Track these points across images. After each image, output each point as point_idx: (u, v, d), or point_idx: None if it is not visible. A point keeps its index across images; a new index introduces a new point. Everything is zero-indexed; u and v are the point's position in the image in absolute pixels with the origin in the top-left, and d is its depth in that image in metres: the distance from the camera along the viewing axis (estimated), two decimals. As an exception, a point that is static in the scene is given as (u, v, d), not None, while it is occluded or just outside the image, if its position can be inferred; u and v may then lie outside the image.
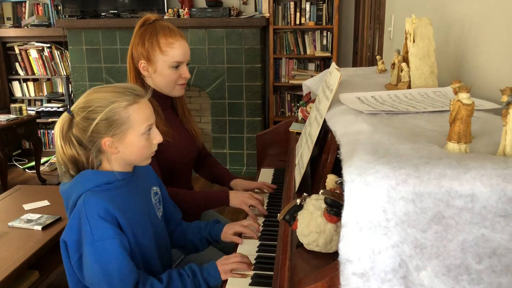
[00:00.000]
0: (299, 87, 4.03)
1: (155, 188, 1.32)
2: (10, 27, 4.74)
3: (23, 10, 4.79)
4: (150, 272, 1.19)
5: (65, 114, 1.15)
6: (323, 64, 4.43)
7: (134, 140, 1.14)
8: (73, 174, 1.16)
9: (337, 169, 0.91)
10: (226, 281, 1.19)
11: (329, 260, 0.78)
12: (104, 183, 1.14)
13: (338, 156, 0.77)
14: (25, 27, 4.70)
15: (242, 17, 4.10)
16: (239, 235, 1.39)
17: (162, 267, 1.27)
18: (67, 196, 1.16)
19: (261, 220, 1.52)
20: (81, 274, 1.12)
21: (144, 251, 1.19)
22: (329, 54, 4.26)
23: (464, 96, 0.69)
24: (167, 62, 1.54)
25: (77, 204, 1.11)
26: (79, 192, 1.12)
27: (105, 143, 1.12)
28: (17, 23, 4.81)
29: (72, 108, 1.15)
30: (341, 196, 0.74)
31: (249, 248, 1.33)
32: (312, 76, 2.36)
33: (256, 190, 1.74)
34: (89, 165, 1.16)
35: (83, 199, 1.10)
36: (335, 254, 0.67)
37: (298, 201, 0.90)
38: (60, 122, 1.14)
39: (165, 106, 1.62)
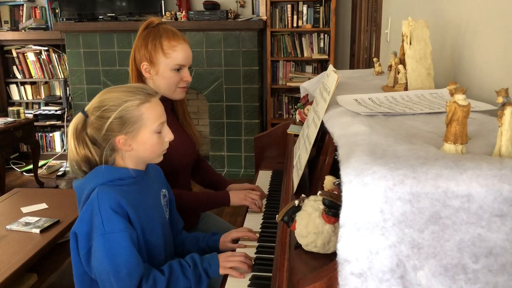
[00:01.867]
0: (297, 89, 4.05)
1: (164, 190, 1.35)
2: (7, 30, 4.74)
3: (21, 13, 4.79)
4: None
5: (79, 114, 1.18)
6: (321, 66, 4.44)
7: (146, 137, 1.17)
8: (86, 170, 1.19)
9: (335, 170, 0.91)
10: (225, 282, 1.19)
11: (327, 261, 0.78)
12: (117, 179, 1.16)
13: (336, 157, 0.77)
14: (23, 30, 4.70)
15: (240, 20, 4.11)
16: (237, 241, 1.41)
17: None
18: (81, 190, 1.18)
19: (259, 221, 1.53)
20: (88, 266, 1.13)
21: (150, 248, 1.21)
22: (326, 57, 4.28)
23: (460, 98, 0.69)
24: (169, 65, 1.55)
25: (90, 197, 1.13)
26: (93, 185, 1.14)
27: (119, 140, 1.15)
28: (14, 26, 4.81)
29: (86, 108, 1.18)
30: (339, 197, 0.75)
31: (247, 249, 1.33)
32: (309, 79, 2.37)
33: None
34: (102, 163, 1.18)
35: (97, 192, 1.12)
36: (334, 254, 0.68)
37: (296, 202, 0.91)
38: (74, 122, 1.17)
39: (166, 109, 1.62)
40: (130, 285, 1.09)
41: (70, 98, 4.55)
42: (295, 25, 4.27)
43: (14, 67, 4.89)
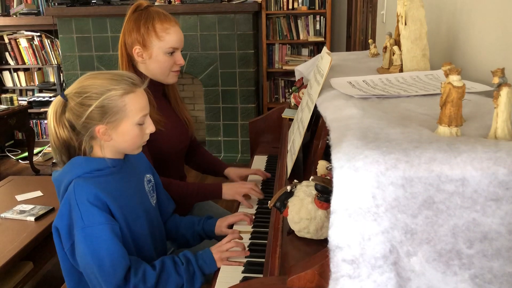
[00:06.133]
0: (293, 72, 4.00)
1: (148, 175, 1.32)
2: (-2, 16, 4.67)
3: (12, -1, 4.71)
4: (143, 259, 1.18)
5: (58, 98, 1.14)
6: (317, 49, 4.40)
7: (127, 129, 1.13)
8: (64, 161, 1.16)
9: (329, 155, 0.89)
10: (219, 269, 1.18)
11: (320, 247, 0.77)
12: (94, 170, 1.13)
13: (328, 141, 0.75)
14: (14, 16, 4.62)
15: (234, 2, 4.04)
16: (232, 226, 1.39)
17: (157, 254, 1.26)
18: (59, 183, 1.15)
19: (254, 206, 1.52)
20: (74, 260, 1.12)
21: (137, 238, 1.19)
22: (323, 39, 4.23)
23: (454, 79, 0.67)
24: (163, 48, 1.52)
25: (67, 190, 1.11)
26: (70, 178, 1.12)
27: (98, 130, 1.11)
28: (5, 12, 4.73)
29: (66, 92, 1.14)
30: (331, 182, 0.73)
31: (241, 235, 1.32)
32: (305, 62, 2.33)
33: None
34: (81, 150, 1.15)
35: (73, 185, 1.09)
36: (326, 240, 0.66)
37: (288, 188, 0.89)
38: (54, 106, 1.13)
39: (158, 94, 1.60)
40: (115, 277, 1.07)
41: (64, 84, 4.50)
42: (290, 7, 4.21)
43: (7, 54, 4.82)
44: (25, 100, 4.71)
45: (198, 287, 1.17)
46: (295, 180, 0.92)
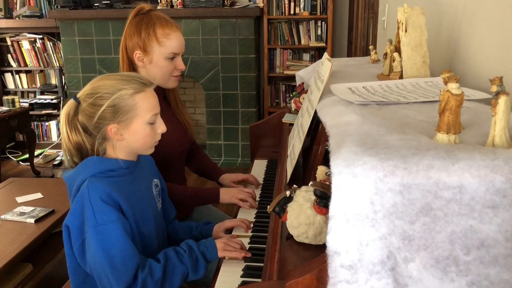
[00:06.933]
0: (294, 77, 4.01)
1: (156, 180, 1.34)
2: (1, 18, 4.68)
3: (15, 1, 4.72)
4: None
5: (71, 100, 1.16)
6: (318, 54, 4.41)
7: (139, 128, 1.15)
8: (77, 162, 1.18)
9: (329, 160, 0.90)
10: (218, 272, 1.18)
11: (318, 252, 0.77)
12: (107, 170, 1.15)
13: (327, 147, 0.76)
14: (17, 18, 4.64)
15: (236, 7, 4.06)
16: (231, 231, 1.40)
17: None
18: (71, 182, 1.16)
19: (253, 212, 1.52)
20: (82, 260, 1.12)
21: (144, 239, 1.20)
22: (324, 44, 4.24)
23: (453, 86, 0.68)
24: (163, 53, 1.53)
25: (80, 189, 1.12)
26: (83, 177, 1.13)
27: (110, 129, 1.13)
28: (8, 14, 4.75)
29: (78, 95, 1.16)
30: (330, 187, 0.73)
31: (241, 239, 1.32)
32: (306, 67, 2.34)
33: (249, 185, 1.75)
34: (94, 152, 1.17)
35: (87, 184, 1.11)
36: (325, 246, 0.67)
37: (287, 193, 0.90)
38: (66, 109, 1.16)
39: (158, 98, 1.60)
40: (126, 275, 1.08)
41: (65, 87, 4.51)
42: (292, 12, 4.23)
43: (9, 56, 4.83)
44: (27, 102, 4.72)
45: (202, 274, 1.18)
46: (295, 185, 0.93)
